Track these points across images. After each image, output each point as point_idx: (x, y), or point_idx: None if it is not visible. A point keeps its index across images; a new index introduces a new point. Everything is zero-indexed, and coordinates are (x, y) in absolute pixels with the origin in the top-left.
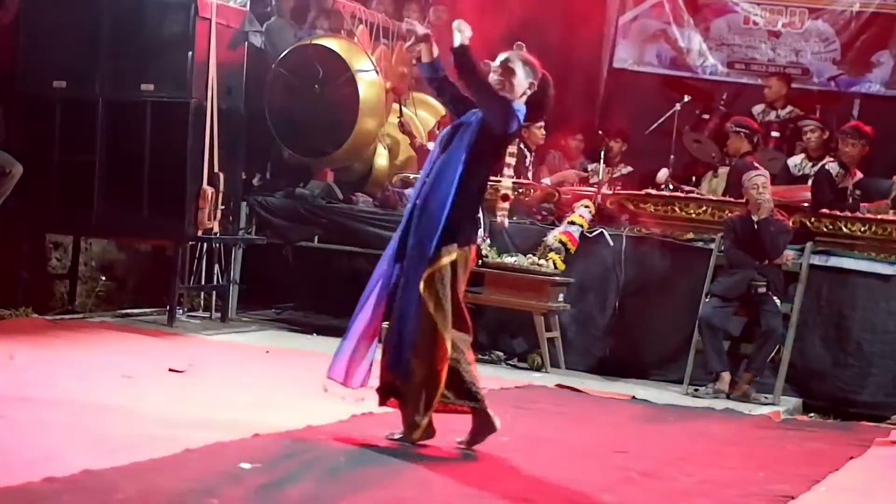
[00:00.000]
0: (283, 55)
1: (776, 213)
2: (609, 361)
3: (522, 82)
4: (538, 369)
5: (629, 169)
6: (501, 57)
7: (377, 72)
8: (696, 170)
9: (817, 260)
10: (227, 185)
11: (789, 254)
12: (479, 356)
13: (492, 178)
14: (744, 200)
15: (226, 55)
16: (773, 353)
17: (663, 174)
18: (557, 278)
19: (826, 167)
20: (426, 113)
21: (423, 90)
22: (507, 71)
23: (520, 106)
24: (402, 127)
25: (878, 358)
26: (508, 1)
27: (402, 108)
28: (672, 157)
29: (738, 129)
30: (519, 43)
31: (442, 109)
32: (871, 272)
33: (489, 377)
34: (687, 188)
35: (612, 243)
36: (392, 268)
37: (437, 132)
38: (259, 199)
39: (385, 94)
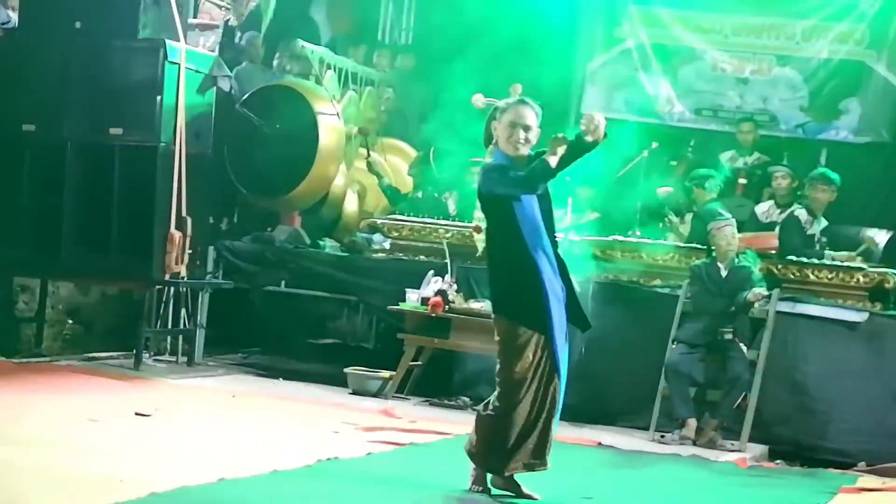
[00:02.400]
0: (247, 95)
1: (743, 259)
2: (576, 407)
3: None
4: None
5: (596, 215)
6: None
7: (339, 117)
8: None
9: (784, 306)
10: (194, 229)
11: (759, 291)
12: (447, 401)
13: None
14: (710, 247)
15: (195, 99)
16: (739, 400)
17: (665, 192)
18: None
19: (794, 213)
20: (397, 157)
21: (392, 135)
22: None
23: None
24: (370, 168)
25: (844, 404)
26: (476, 44)
27: (370, 150)
28: (639, 203)
29: (696, 181)
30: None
31: (412, 153)
32: (837, 319)
33: (455, 422)
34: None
35: (578, 289)
36: None
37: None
38: (226, 244)
39: (348, 139)
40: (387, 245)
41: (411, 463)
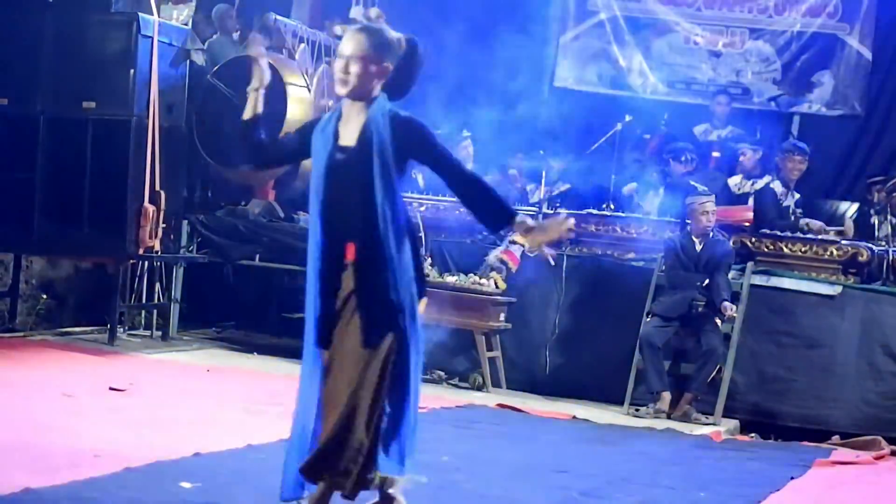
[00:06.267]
0: (217, 67)
1: (717, 233)
2: (550, 381)
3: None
4: (479, 389)
5: (567, 185)
6: (347, 50)
7: (309, 89)
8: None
9: (758, 280)
10: (168, 203)
11: (731, 307)
12: (421, 376)
13: None
14: (685, 221)
15: (168, 73)
16: (713, 373)
17: (629, 189)
18: (499, 297)
19: (770, 186)
20: None
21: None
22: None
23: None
24: None
25: (818, 378)
26: (452, 16)
27: None
28: (613, 175)
29: (671, 154)
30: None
31: None
32: (811, 292)
33: (430, 396)
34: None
35: (553, 263)
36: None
37: None
38: (200, 218)
39: (319, 112)
40: None
41: None
